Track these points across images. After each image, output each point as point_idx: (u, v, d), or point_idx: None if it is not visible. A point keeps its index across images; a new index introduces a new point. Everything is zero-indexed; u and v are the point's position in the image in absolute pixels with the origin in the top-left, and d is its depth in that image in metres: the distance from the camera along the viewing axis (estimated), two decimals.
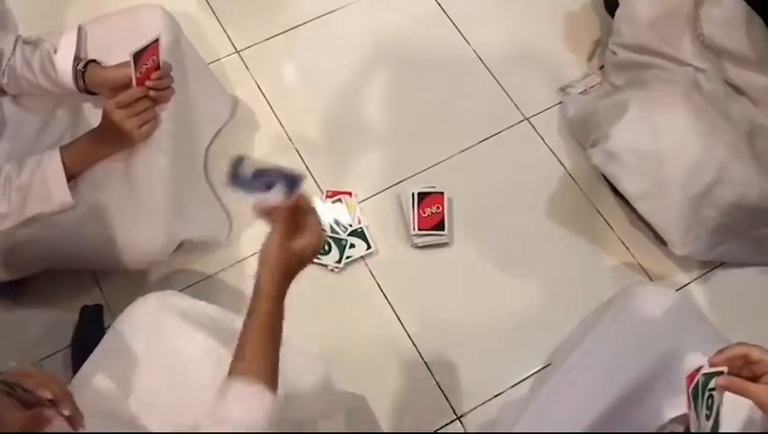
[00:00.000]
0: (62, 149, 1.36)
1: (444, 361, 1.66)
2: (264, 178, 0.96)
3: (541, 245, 1.80)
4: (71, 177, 1.36)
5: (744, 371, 0.96)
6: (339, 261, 1.73)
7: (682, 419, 1.12)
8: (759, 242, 1.71)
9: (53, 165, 1.33)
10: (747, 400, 0.95)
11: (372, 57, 2.05)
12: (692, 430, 0.96)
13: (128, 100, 1.30)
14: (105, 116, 1.32)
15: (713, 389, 0.94)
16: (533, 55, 2.07)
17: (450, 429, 1.59)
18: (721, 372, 0.94)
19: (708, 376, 0.95)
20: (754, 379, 0.95)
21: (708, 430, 0.93)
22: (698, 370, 0.97)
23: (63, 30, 1.45)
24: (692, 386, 0.97)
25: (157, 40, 1.30)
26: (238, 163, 0.96)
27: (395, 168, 1.89)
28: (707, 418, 0.94)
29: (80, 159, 1.38)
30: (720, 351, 0.97)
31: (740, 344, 0.97)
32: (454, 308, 1.72)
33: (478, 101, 1.99)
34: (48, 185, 1.32)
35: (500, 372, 1.65)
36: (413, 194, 1.78)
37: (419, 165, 1.89)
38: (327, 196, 1.82)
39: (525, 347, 1.68)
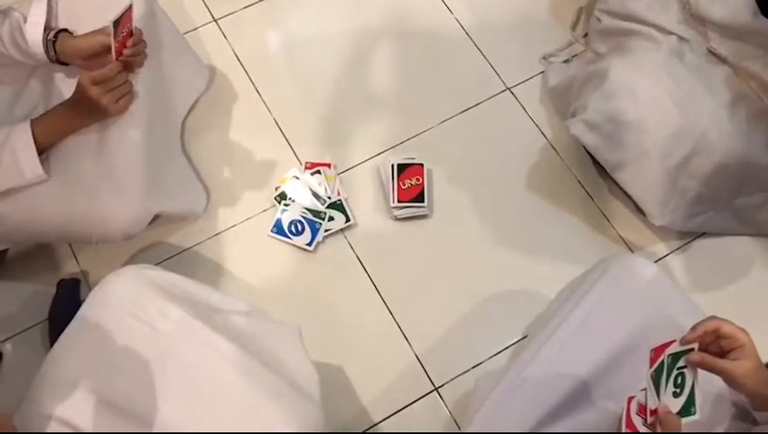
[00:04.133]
0: (33, 122, 1.33)
1: (423, 332, 1.66)
2: None
3: (521, 216, 1.79)
4: (43, 150, 1.34)
5: (712, 347, 0.96)
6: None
7: None
8: (738, 213, 1.72)
9: (23, 139, 1.30)
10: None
11: (353, 26, 2.02)
12: (649, 406, 0.96)
13: (104, 78, 1.29)
14: (80, 90, 1.30)
15: (683, 367, 0.93)
16: (516, 24, 2.04)
17: (428, 400, 1.60)
18: (692, 349, 0.94)
19: (677, 355, 0.94)
20: (722, 354, 0.96)
21: (679, 408, 0.91)
22: (666, 345, 0.96)
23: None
24: (656, 364, 0.97)
25: (131, 6, 1.28)
26: None
27: (375, 139, 1.87)
28: (675, 395, 0.93)
29: (52, 132, 1.36)
30: (693, 328, 0.97)
31: (712, 318, 0.97)
32: (433, 280, 1.72)
33: (460, 71, 1.97)
34: (18, 159, 1.30)
35: (478, 343, 1.66)
36: (392, 166, 1.77)
37: (400, 136, 1.87)
38: (306, 167, 1.81)
39: (504, 318, 1.68)
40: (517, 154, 1.86)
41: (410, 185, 1.76)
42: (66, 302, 1.62)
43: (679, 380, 0.93)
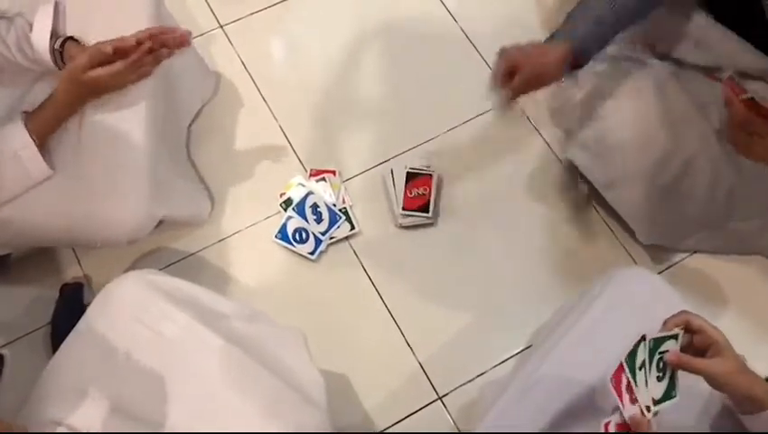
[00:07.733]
0: (30, 119, 1.32)
1: (427, 341, 1.66)
2: None
3: (526, 226, 1.79)
4: (42, 143, 1.33)
5: (688, 349, 0.98)
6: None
7: None
8: (730, 235, 1.70)
9: (20, 137, 1.29)
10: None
11: (359, 34, 2.02)
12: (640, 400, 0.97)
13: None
14: (76, 80, 1.31)
15: (665, 352, 0.96)
16: (522, 35, 2.04)
17: (431, 409, 1.59)
18: (675, 335, 0.96)
19: (659, 340, 0.97)
20: (702, 354, 0.98)
21: (662, 394, 0.95)
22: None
23: (39, 3, 1.40)
24: (628, 354, 0.98)
25: None
26: None
27: (380, 147, 1.87)
28: (659, 379, 0.96)
29: (50, 126, 1.35)
30: (664, 322, 1.00)
31: (683, 312, 1.00)
32: (438, 289, 1.72)
33: (465, 80, 1.97)
34: (21, 159, 1.30)
35: (482, 352, 1.65)
36: (406, 172, 1.77)
37: (405, 145, 1.87)
38: (311, 175, 1.81)
39: (508, 328, 1.68)
40: (522, 164, 1.86)
41: (417, 194, 1.76)
42: (69, 306, 1.62)
43: (662, 364, 0.97)
